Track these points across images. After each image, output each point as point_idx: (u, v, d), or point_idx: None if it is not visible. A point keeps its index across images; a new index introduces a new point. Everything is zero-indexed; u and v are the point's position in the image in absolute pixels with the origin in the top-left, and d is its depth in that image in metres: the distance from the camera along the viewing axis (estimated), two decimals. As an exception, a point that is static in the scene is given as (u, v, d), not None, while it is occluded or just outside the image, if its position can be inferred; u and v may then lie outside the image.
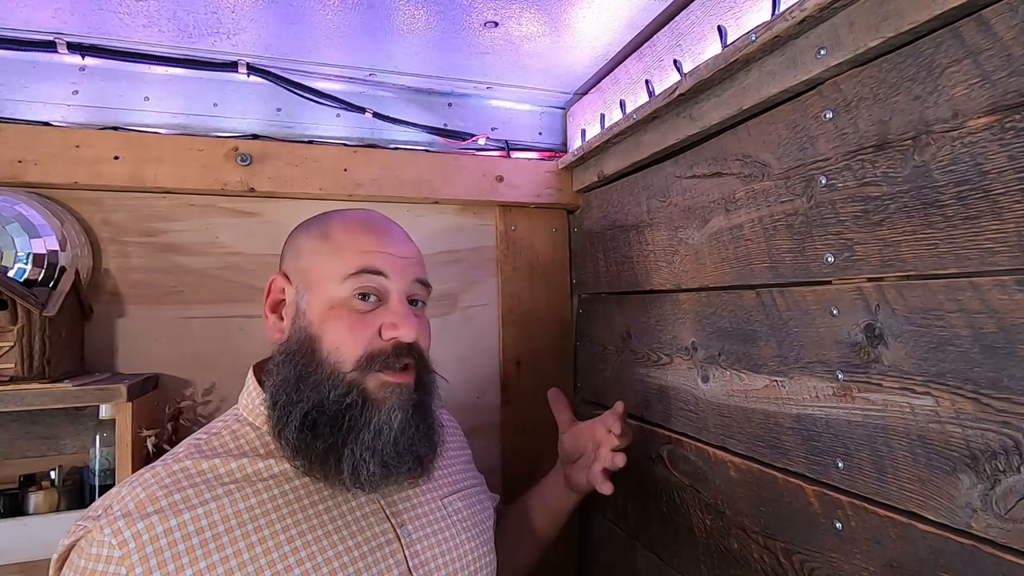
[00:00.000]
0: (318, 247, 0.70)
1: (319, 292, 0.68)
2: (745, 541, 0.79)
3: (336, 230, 0.71)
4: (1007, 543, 0.49)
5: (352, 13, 0.92)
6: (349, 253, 0.68)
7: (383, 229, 0.72)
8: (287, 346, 0.68)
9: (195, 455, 0.65)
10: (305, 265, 0.70)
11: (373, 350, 0.66)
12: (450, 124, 1.26)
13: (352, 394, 0.64)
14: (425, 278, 0.73)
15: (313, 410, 0.63)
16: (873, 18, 0.60)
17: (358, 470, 0.63)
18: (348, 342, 0.65)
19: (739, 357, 0.81)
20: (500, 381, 1.29)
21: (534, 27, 0.97)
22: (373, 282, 0.67)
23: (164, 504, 0.60)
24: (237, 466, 0.65)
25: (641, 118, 0.95)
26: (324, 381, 0.64)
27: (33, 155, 0.98)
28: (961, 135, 0.53)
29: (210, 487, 0.62)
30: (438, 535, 0.71)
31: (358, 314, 0.66)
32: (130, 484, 0.62)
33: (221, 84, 1.12)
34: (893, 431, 0.59)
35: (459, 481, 0.80)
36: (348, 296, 0.67)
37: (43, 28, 0.95)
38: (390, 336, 0.66)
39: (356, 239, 0.69)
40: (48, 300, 0.90)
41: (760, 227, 0.77)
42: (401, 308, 0.68)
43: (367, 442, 0.63)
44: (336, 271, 0.67)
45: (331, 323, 0.66)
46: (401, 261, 0.69)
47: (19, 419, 1.00)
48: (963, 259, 0.53)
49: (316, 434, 0.63)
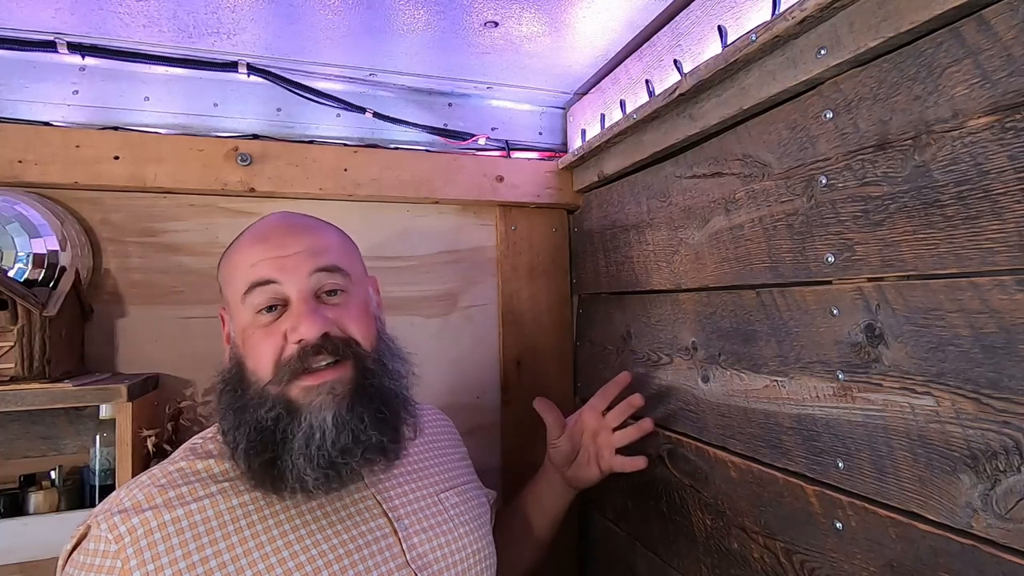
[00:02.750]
0: (225, 274, 0.72)
1: (236, 318, 0.69)
2: (745, 541, 0.79)
3: (233, 251, 0.71)
4: (1007, 543, 0.49)
5: (352, 13, 0.92)
6: (240, 272, 0.68)
7: (272, 234, 0.70)
8: (223, 374, 0.70)
9: (190, 456, 0.67)
10: (225, 294, 0.72)
11: (283, 358, 0.65)
12: (450, 124, 1.26)
13: (277, 407, 0.64)
14: (330, 263, 0.69)
15: (252, 431, 0.63)
16: (873, 18, 0.60)
17: (303, 479, 0.62)
18: (261, 357, 0.65)
19: (739, 357, 0.81)
20: (500, 381, 1.29)
21: (534, 27, 0.97)
22: (267, 292, 0.66)
23: (159, 501, 0.61)
24: (231, 465, 0.65)
25: (641, 118, 0.95)
26: (252, 401, 0.65)
27: (33, 155, 0.98)
28: (961, 135, 0.53)
29: (204, 485, 0.64)
30: (435, 529, 0.71)
31: (264, 328, 0.66)
32: (128, 486, 0.64)
33: (221, 84, 1.12)
34: (893, 431, 0.59)
35: (454, 477, 0.80)
36: (252, 315, 0.67)
37: (43, 28, 0.95)
38: (295, 340, 0.65)
39: (244, 256, 0.69)
40: (48, 300, 0.90)
41: (760, 227, 0.77)
42: (300, 307, 0.65)
43: (301, 450, 0.62)
44: (237, 294, 0.68)
45: (248, 344, 0.67)
46: (292, 260, 0.67)
47: (19, 419, 1.00)
48: (963, 259, 0.53)
49: (258, 452, 0.63)
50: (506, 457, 1.27)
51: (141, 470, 0.92)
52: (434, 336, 1.24)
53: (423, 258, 1.25)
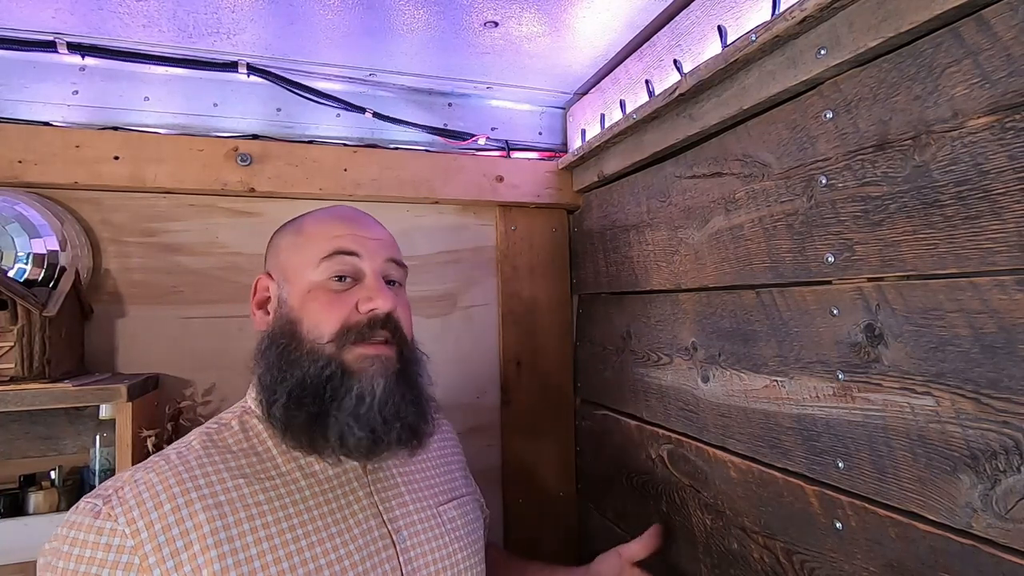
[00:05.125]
0: (293, 241, 0.74)
1: (297, 281, 0.71)
2: (745, 541, 0.79)
3: (308, 224, 0.75)
4: (1007, 543, 0.49)
5: (352, 13, 0.92)
6: (321, 240, 0.72)
7: (353, 216, 0.76)
8: (270, 332, 0.71)
9: (208, 446, 0.67)
10: (283, 260, 0.74)
11: (350, 323, 0.68)
12: (450, 124, 1.26)
13: (331, 366, 0.66)
14: (399, 258, 0.76)
15: (297, 387, 0.66)
16: (873, 18, 0.60)
17: (344, 437, 0.65)
18: (325, 318, 0.68)
19: (739, 357, 0.81)
20: (500, 381, 1.29)
21: (534, 27, 0.97)
22: (346, 263, 0.70)
23: (176, 491, 0.61)
24: (247, 462, 0.66)
25: (641, 118, 0.95)
26: (304, 357, 0.67)
27: (33, 155, 0.98)
28: (961, 135, 0.53)
29: (221, 480, 0.64)
30: (432, 542, 0.72)
31: (334, 293, 0.70)
32: (144, 469, 0.63)
33: (221, 84, 1.12)
34: (893, 431, 0.59)
35: (455, 489, 0.81)
36: (324, 279, 0.70)
37: (43, 28, 0.95)
38: (367, 308, 0.69)
39: (327, 227, 0.73)
40: (48, 300, 0.90)
41: (760, 227, 0.77)
42: (376, 283, 0.71)
43: (350, 408, 0.65)
44: (311, 258, 0.71)
45: (309, 304, 0.69)
46: (373, 242, 0.73)
47: (19, 419, 1.00)
48: (963, 259, 0.53)
49: (300, 407, 0.65)
50: (506, 457, 1.27)
51: (141, 470, 0.93)
52: (434, 336, 1.24)
53: (423, 258, 1.25)
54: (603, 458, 1.19)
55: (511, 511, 1.26)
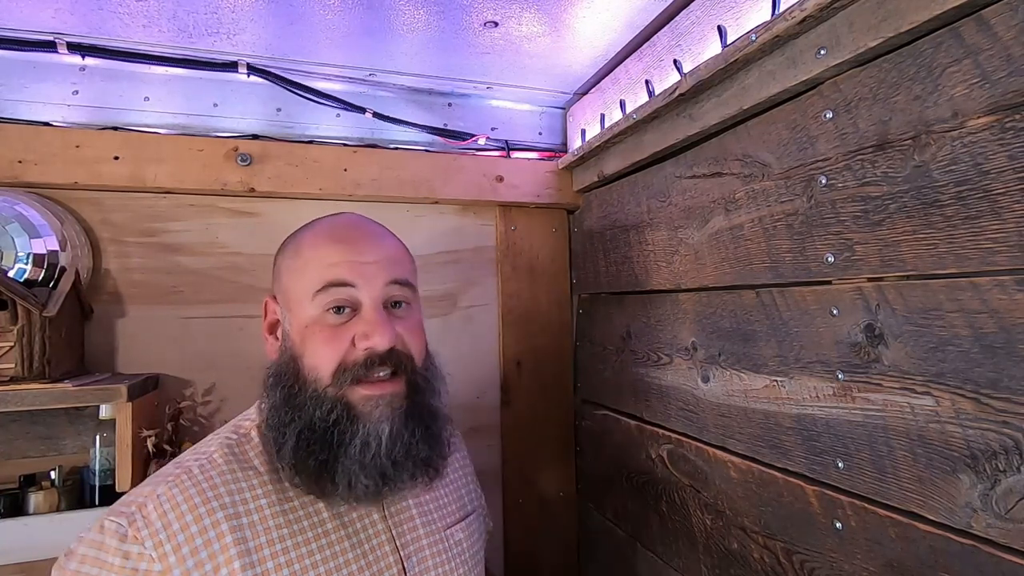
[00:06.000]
0: (291, 266, 0.70)
1: (296, 312, 0.68)
2: (745, 541, 0.79)
3: (304, 245, 0.70)
4: (1007, 543, 0.49)
5: (352, 13, 0.92)
6: (315, 268, 0.67)
7: (350, 236, 0.70)
8: (276, 367, 0.69)
9: (231, 461, 0.66)
10: (284, 285, 0.71)
11: (347, 362, 0.65)
12: (450, 124, 1.26)
13: (336, 410, 0.64)
14: (403, 277, 0.70)
15: (305, 429, 0.64)
16: (873, 18, 0.60)
17: (353, 485, 0.63)
18: (323, 357, 0.65)
19: (739, 357, 0.81)
20: (500, 381, 1.29)
21: (534, 27, 0.97)
22: (342, 294, 0.66)
23: (203, 512, 0.60)
24: (269, 479, 0.66)
25: (641, 118, 0.95)
26: (308, 402, 0.65)
27: (33, 155, 0.98)
28: (961, 135, 0.53)
29: (244, 501, 0.63)
30: (439, 568, 0.72)
31: (331, 328, 0.66)
32: (167, 484, 0.62)
33: (221, 84, 1.12)
34: (893, 431, 0.59)
35: (463, 507, 0.80)
36: (320, 313, 0.66)
37: (43, 28, 0.95)
38: (364, 346, 0.65)
39: (321, 253, 0.68)
40: (48, 300, 0.90)
41: (760, 227, 0.77)
42: (374, 316, 0.66)
43: (355, 456, 0.63)
44: (306, 289, 0.67)
45: (308, 341, 0.66)
46: (371, 267, 0.67)
47: (19, 419, 1.00)
48: (963, 259, 0.53)
49: (309, 452, 0.63)
50: (506, 457, 1.27)
51: (141, 470, 0.93)
52: (434, 336, 1.22)
53: (423, 258, 1.25)
54: (603, 458, 1.19)
55: (511, 511, 1.26)
